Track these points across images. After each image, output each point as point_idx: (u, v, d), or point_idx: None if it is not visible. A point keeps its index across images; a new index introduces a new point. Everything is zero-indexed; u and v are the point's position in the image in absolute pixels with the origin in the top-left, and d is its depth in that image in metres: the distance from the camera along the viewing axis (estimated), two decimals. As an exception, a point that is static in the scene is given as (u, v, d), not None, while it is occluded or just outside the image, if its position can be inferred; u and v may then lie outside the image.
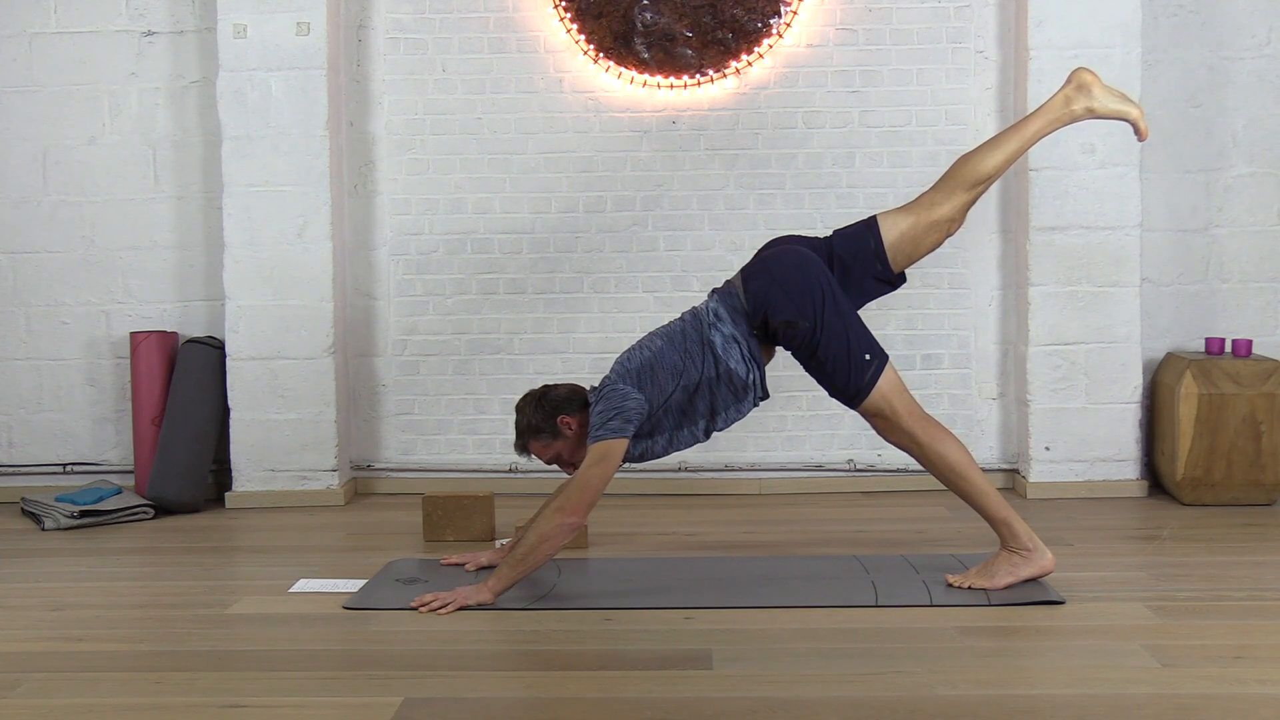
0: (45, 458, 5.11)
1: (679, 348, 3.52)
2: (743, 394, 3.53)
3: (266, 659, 3.00)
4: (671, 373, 3.49)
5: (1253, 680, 2.73)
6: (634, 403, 3.44)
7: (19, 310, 5.08)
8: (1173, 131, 4.91)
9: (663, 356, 3.51)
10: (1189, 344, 4.95)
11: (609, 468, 3.39)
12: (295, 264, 4.82)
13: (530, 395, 3.67)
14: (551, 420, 3.58)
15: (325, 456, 4.86)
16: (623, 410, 3.42)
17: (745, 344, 3.51)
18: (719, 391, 3.51)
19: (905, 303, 4.95)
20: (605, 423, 3.41)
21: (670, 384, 3.49)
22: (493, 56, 4.99)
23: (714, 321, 3.52)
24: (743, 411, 3.58)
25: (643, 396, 3.46)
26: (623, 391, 3.46)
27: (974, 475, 3.45)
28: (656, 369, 3.50)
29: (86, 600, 3.54)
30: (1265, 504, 4.57)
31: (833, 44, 4.95)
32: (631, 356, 3.57)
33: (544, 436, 3.61)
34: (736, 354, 3.50)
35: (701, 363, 3.49)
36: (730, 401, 3.54)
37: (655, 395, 3.48)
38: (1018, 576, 3.42)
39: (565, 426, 3.58)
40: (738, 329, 3.51)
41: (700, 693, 2.72)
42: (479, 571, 3.73)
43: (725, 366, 3.49)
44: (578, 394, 3.63)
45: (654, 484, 4.95)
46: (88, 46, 5.01)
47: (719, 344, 3.49)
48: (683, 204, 4.99)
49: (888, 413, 3.46)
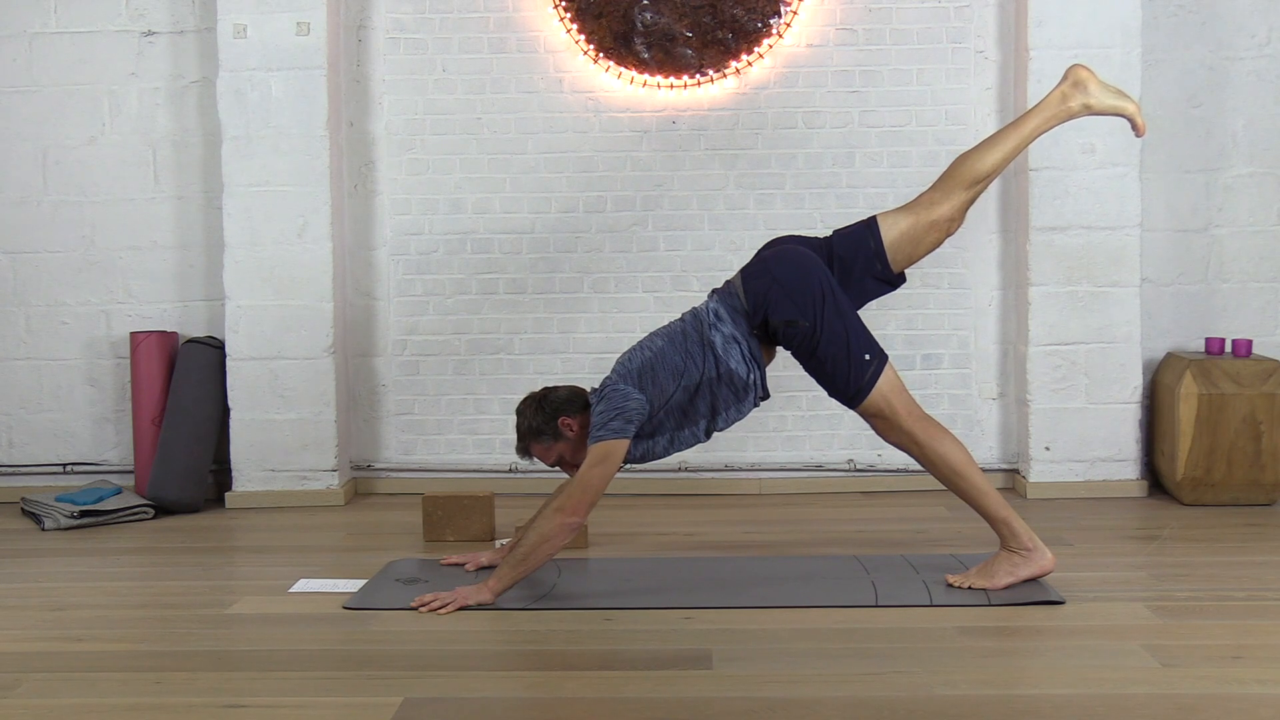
0: (45, 458, 5.11)
1: (680, 348, 3.52)
2: (743, 394, 3.53)
3: (266, 659, 3.00)
4: (672, 373, 3.49)
5: (1252, 680, 2.73)
6: (635, 403, 3.44)
7: (19, 310, 5.08)
8: (1173, 131, 4.91)
9: (664, 357, 3.52)
10: (1189, 344, 4.95)
11: (610, 468, 3.39)
12: (295, 264, 4.82)
13: (531, 398, 3.67)
14: (552, 422, 3.58)
15: (325, 456, 4.86)
16: (624, 410, 3.42)
17: (745, 344, 3.51)
18: (720, 392, 3.51)
19: (905, 303, 4.95)
20: (606, 423, 3.41)
21: (671, 384, 3.49)
22: (493, 56, 4.99)
23: (714, 322, 3.52)
24: (743, 411, 3.58)
25: (644, 397, 3.46)
26: (624, 392, 3.46)
27: (974, 475, 3.45)
28: (657, 369, 3.50)
29: (86, 600, 3.54)
30: (1265, 504, 4.57)
31: (833, 44, 4.95)
32: (632, 357, 3.57)
33: (545, 439, 3.61)
34: (737, 354, 3.50)
35: (702, 363, 3.49)
36: (731, 401, 3.54)
37: (656, 396, 3.48)
38: (1017, 576, 3.42)
39: (566, 428, 3.58)
40: (738, 329, 3.51)
41: (700, 693, 2.72)
42: (479, 571, 3.73)
43: (726, 366, 3.49)
44: (578, 395, 3.63)
45: (654, 484, 4.95)
46: (88, 46, 5.01)
47: (719, 344, 3.49)
48: (683, 204, 5.00)
49: (887, 413, 3.46)
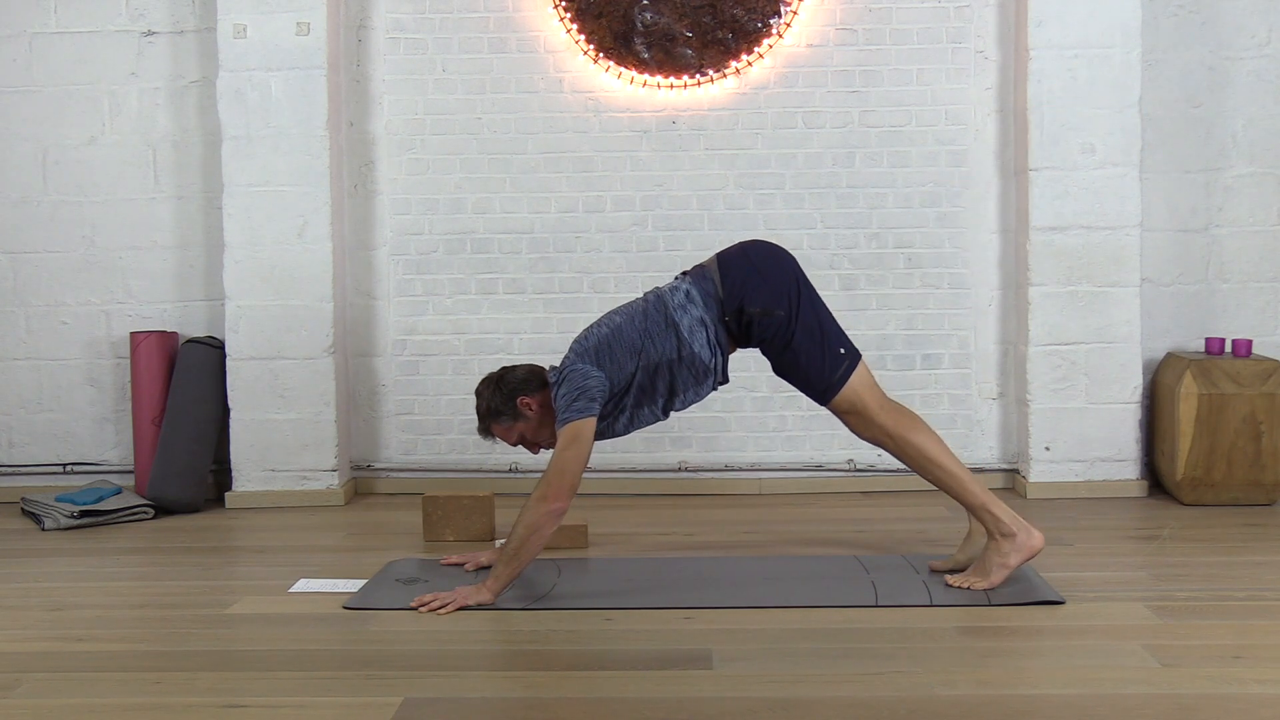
0: (45, 458, 5.11)
1: (638, 327, 3.51)
2: (703, 377, 3.54)
3: (266, 659, 3.00)
4: (630, 351, 3.48)
5: (1252, 680, 2.73)
6: (595, 380, 3.43)
7: (19, 310, 5.08)
8: (1173, 131, 4.91)
9: (620, 334, 3.51)
10: (1189, 344, 4.95)
11: (583, 448, 3.38)
12: (295, 264, 4.82)
13: (489, 378, 3.66)
14: (511, 403, 3.58)
15: (325, 456, 4.86)
16: (585, 389, 3.41)
17: (713, 329, 3.50)
18: (679, 373, 3.51)
19: (905, 303, 4.95)
20: (570, 404, 3.40)
21: (630, 363, 3.48)
22: (493, 56, 4.99)
23: (684, 303, 3.51)
24: (701, 395, 3.59)
25: (603, 374, 3.45)
26: (583, 370, 3.45)
27: (949, 462, 3.46)
28: (614, 346, 3.49)
29: (86, 600, 3.54)
30: (1265, 504, 4.57)
31: (833, 44, 4.95)
32: (589, 335, 3.56)
33: (505, 419, 3.61)
34: (702, 338, 3.49)
35: (663, 343, 3.48)
36: (690, 384, 3.54)
37: (615, 373, 3.47)
38: (1009, 566, 3.42)
39: (525, 408, 3.58)
40: (708, 313, 3.50)
41: (700, 693, 2.72)
42: (479, 571, 3.73)
43: (689, 349, 3.48)
44: (536, 374, 3.62)
45: (654, 484, 4.95)
46: (88, 46, 5.01)
47: (685, 326, 3.48)
48: (682, 204, 4.99)
49: (859, 408, 3.48)
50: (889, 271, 4.94)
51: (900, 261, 4.94)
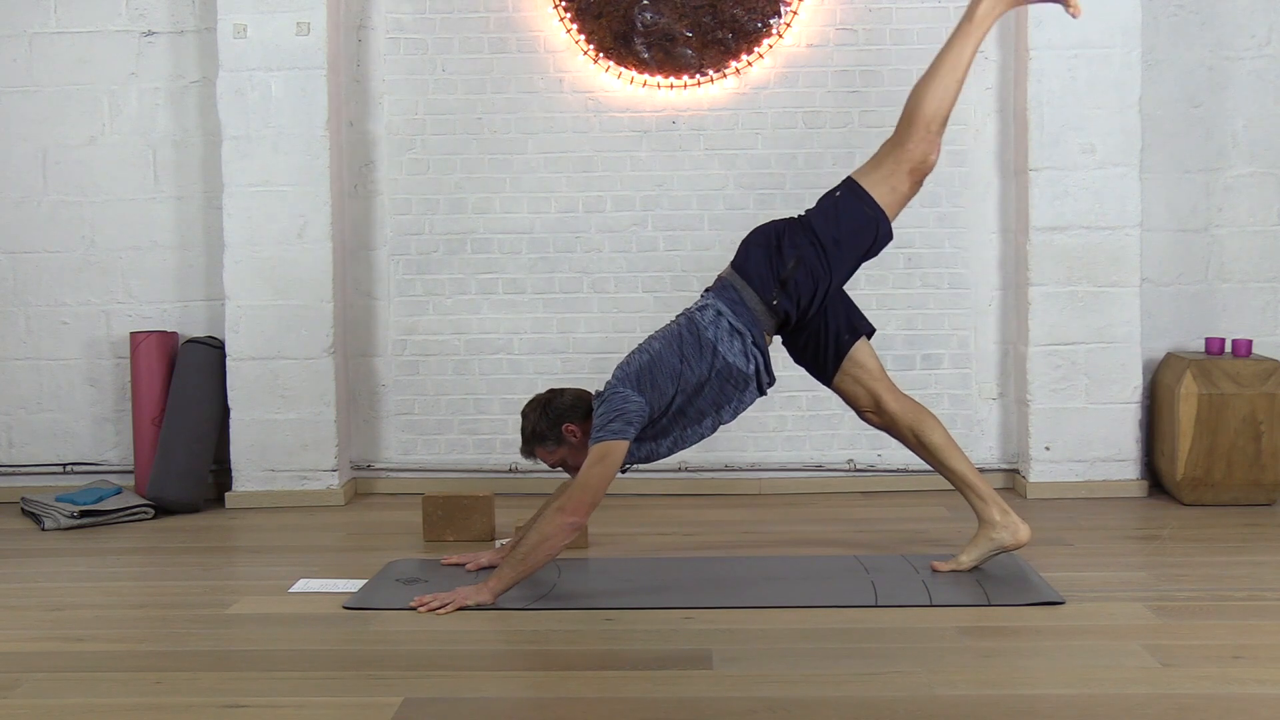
0: (45, 458, 5.11)
1: (676, 351, 3.53)
2: (744, 385, 3.55)
3: (266, 659, 3.00)
4: (670, 376, 3.50)
5: (1252, 680, 2.73)
6: (634, 405, 3.44)
7: (19, 310, 5.08)
8: (1173, 131, 4.91)
9: (661, 360, 3.52)
10: (1189, 344, 4.95)
11: (610, 468, 3.40)
12: (295, 264, 4.82)
13: (536, 400, 3.67)
14: (556, 428, 3.60)
15: (325, 456, 4.86)
16: (624, 413, 3.43)
17: (749, 334, 3.52)
18: (719, 387, 3.53)
19: (905, 303, 4.95)
20: (606, 424, 3.42)
21: (670, 387, 3.49)
22: (493, 56, 4.99)
23: (714, 319, 3.53)
24: (746, 402, 3.60)
25: (643, 399, 3.47)
26: (623, 394, 3.47)
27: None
28: (655, 372, 3.50)
29: (86, 600, 3.54)
30: (1265, 504, 4.57)
31: (833, 44, 4.95)
32: (631, 360, 3.58)
33: (549, 443, 3.62)
34: (738, 347, 3.51)
35: (699, 364, 3.50)
36: (733, 395, 3.56)
37: (656, 399, 3.49)
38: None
39: (570, 434, 3.59)
40: (740, 319, 3.52)
41: (700, 693, 2.72)
42: (479, 571, 3.73)
43: (723, 361, 3.50)
44: (583, 400, 3.64)
45: (654, 484, 4.95)
46: (88, 46, 5.01)
47: (720, 341, 3.50)
48: (682, 204, 4.99)
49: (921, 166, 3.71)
50: (889, 271, 4.94)
51: (900, 261, 4.94)
